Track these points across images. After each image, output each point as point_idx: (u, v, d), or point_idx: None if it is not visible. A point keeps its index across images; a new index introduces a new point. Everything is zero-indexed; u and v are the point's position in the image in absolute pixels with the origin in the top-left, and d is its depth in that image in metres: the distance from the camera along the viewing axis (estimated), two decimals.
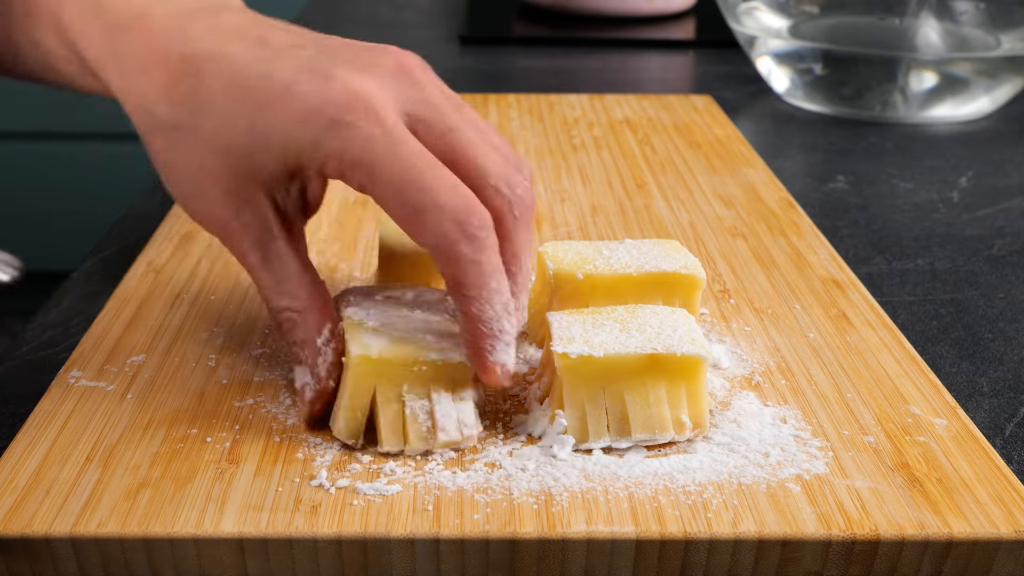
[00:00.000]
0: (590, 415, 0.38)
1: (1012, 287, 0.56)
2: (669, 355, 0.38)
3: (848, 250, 0.60)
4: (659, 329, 0.39)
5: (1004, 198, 0.69)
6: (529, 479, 0.36)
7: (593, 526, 0.34)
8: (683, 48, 1.06)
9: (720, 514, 0.35)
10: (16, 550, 0.34)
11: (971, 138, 0.81)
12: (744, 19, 0.89)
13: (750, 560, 0.34)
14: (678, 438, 0.38)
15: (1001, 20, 0.85)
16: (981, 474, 0.37)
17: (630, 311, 0.40)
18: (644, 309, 0.40)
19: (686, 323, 0.40)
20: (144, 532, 0.33)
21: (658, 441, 0.38)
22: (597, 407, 0.38)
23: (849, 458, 0.38)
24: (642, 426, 0.38)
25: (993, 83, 0.83)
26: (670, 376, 0.38)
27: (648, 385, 0.38)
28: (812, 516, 0.35)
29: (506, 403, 0.41)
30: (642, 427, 0.38)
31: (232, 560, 0.34)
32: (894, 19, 0.88)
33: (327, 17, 1.15)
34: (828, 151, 0.77)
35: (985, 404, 0.45)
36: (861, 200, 0.68)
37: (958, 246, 0.61)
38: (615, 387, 0.38)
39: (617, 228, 0.58)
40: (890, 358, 0.44)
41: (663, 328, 0.39)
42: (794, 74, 0.86)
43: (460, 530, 0.34)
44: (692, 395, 0.38)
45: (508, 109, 0.78)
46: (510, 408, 0.41)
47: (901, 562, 0.34)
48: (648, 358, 0.38)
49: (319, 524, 0.34)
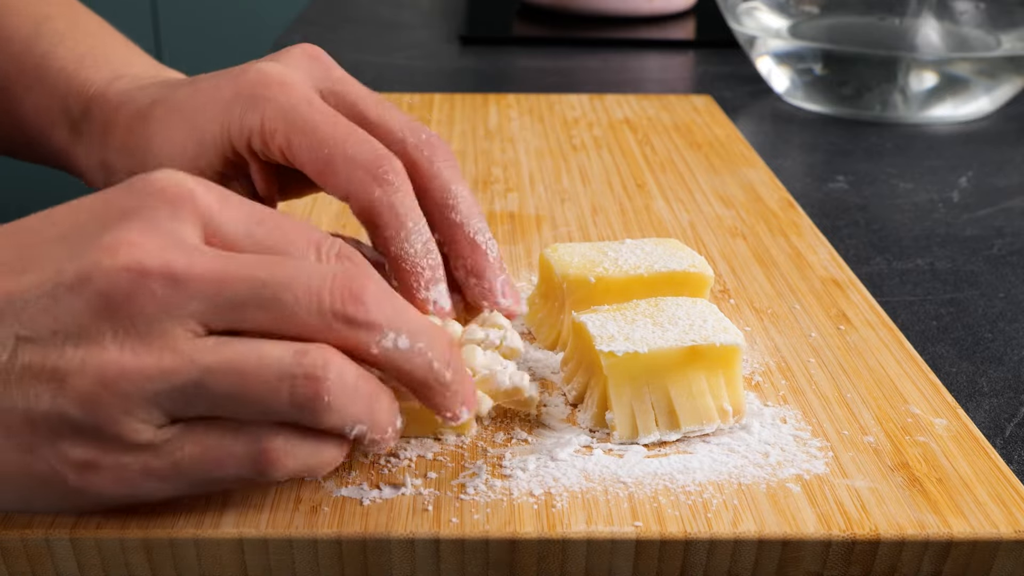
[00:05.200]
0: (638, 411, 0.38)
1: (1012, 287, 0.56)
2: (708, 346, 0.38)
3: (848, 250, 0.60)
4: (690, 320, 0.39)
5: (1004, 198, 0.69)
6: (529, 479, 0.36)
7: (593, 526, 0.34)
8: (683, 48, 1.06)
9: (720, 514, 0.35)
10: (16, 550, 0.34)
11: (971, 138, 0.81)
12: (744, 19, 0.89)
13: (750, 560, 0.34)
14: (723, 426, 0.39)
15: (1001, 20, 0.85)
16: (981, 474, 0.37)
17: (653, 304, 0.41)
18: (666, 301, 0.41)
19: (712, 312, 0.40)
20: (144, 532, 0.33)
21: (706, 431, 0.39)
22: (644, 403, 0.38)
23: (849, 458, 0.38)
24: (690, 418, 0.38)
25: (993, 83, 0.83)
26: (709, 366, 0.38)
27: (690, 377, 0.38)
28: (812, 516, 0.35)
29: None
30: (690, 419, 0.38)
31: (232, 560, 0.34)
32: (894, 19, 0.88)
33: (327, 17, 1.15)
34: (828, 151, 0.77)
35: (985, 404, 0.45)
36: (861, 200, 0.68)
37: (958, 246, 0.61)
38: (659, 381, 0.38)
39: (617, 228, 0.58)
40: (890, 358, 0.44)
41: (693, 319, 0.40)
42: (794, 74, 0.86)
43: (460, 530, 0.34)
44: (731, 382, 0.39)
45: (508, 109, 0.78)
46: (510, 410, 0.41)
47: (901, 562, 0.34)
48: (689, 350, 0.38)
49: (319, 524, 0.34)
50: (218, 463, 0.32)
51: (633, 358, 0.38)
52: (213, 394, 0.31)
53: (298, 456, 0.32)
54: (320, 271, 0.32)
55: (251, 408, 0.31)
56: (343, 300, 0.31)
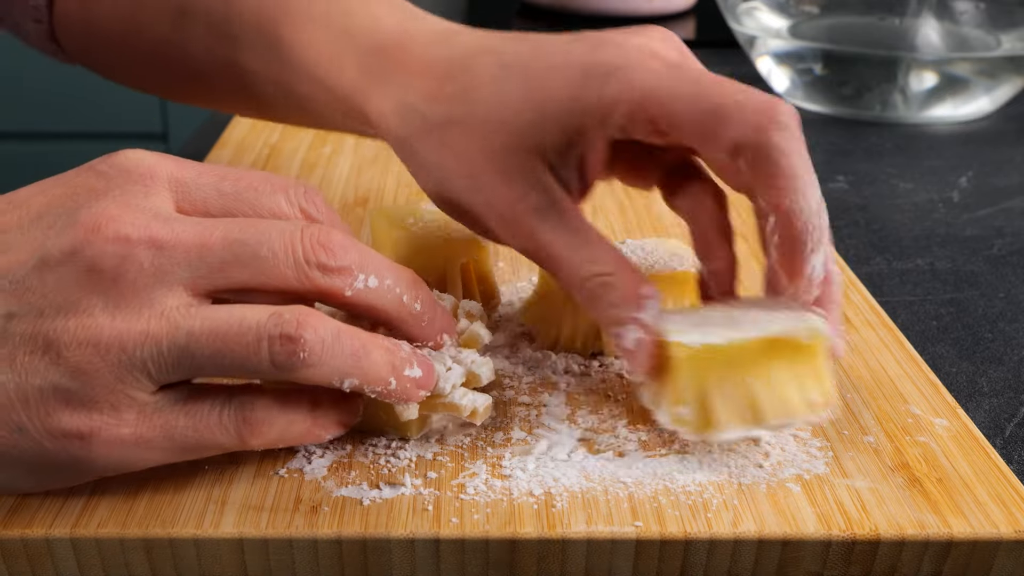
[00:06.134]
0: (716, 405, 0.36)
1: (1012, 287, 0.56)
2: (790, 337, 0.36)
3: (848, 250, 0.60)
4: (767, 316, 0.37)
5: (1004, 198, 0.69)
6: (529, 479, 0.36)
7: (593, 526, 0.34)
8: None
9: (720, 514, 0.35)
10: (16, 550, 0.34)
11: (971, 138, 0.81)
12: (744, 19, 0.89)
13: (750, 560, 0.34)
14: (812, 418, 0.37)
15: (1001, 20, 0.85)
16: (981, 474, 0.37)
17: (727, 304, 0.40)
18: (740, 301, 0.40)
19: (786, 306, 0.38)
20: (144, 532, 0.33)
21: (795, 425, 0.37)
22: (721, 398, 0.36)
23: (849, 458, 0.38)
24: (774, 411, 0.36)
25: (993, 83, 0.83)
26: (791, 357, 0.36)
27: (772, 368, 0.36)
28: (812, 516, 0.35)
29: (505, 392, 0.41)
30: (775, 412, 0.36)
31: (232, 560, 0.34)
32: (894, 19, 0.88)
33: None
34: (828, 151, 0.77)
35: (985, 404, 0.45)
36: (861, 200, 0.68)
37: (958, 246, 0.61)
38: (736, 375, 0.36)
39: (617, 228, 0.58)
40: (890, 358, 0.44)
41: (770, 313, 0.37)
42: (794, 74, 0.86)
43: (460, 530, 0.34)
44: (816, 373, 0.37)
45: None
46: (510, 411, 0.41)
47: (901, 562, 0.34)
48: (769, 341, 0.36)
49: (319, 524, 0.34)
50: (207, 430, 0.33)
51: (710, 350, 0.36)
52: (198, 356, 0.32)
53: (275, 424, 0.34)
54: (291, 226, 0.34)
55: (235, 369, 0.33)
56: (315, 249, 0.33)
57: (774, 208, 0.37)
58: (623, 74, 0.37)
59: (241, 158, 0.68)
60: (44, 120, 1.71)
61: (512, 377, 0.42)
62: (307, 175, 0.65)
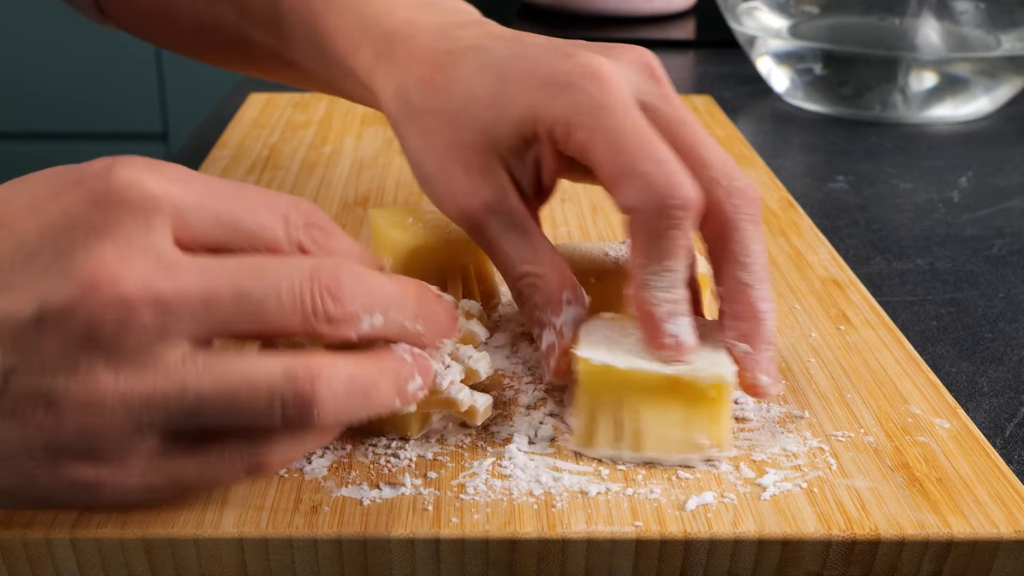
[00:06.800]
0: (600, 424, 0.37)
1: (1012, 287, 0.56)
2: (691, 380, 0.36)
3: (848, 250, 0.60)
4: None
5: (1004, 198, 0.69)
6: (529, 479, 0.36)
7: (593, 526, 0.34)
8: (683, 48, 1.06)
9: (720, 514, 0.35)
10: (16, 550, 0.34)
11: (971, 138, 0.81)
12: (744, 19, 0.89)
13: (750, 560, 0.34)
14: (692, 459, 0.37)
15: (1001, 20, 0.85)
16: (981, 474, 0.37)
17: None
18: None
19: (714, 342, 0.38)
20: (144, 532, 0.33)
21: (671, 461, 0.37)
22: (608, 418, 0.37)
23: (849, 458, 0.38)
24: (655, 445, 0.37)
25: (993, 83, 0.83)
26: (689, 398, 0.36)
27: (666, 405, 0.36)
28: (812, 516, 0.35)
29: (504, 392, 0.41)
30: (655, 447, 0.37)
31: (232, 560, 0.34)
32: (894, 19, 0.88)
33: None
34: (828, 151, 0.77)
35: (985, 404, 0.45)
36: (861, 200, 0.68)
37: (958, 246, 0.61)
38: (631, 401, 0.37)
39: (617, 228, 0.58)
40: (890, 358, 0.44)
41: None
42: (794, 74, 0.86)
43: (460, 530, 0.34)
44: (713, 418, 0.37)
45: None
46: (509, 411, 0.41)
47: (901, 562, 0.34)
48: (670, 379, 0.36)
49: (319, 524, 0.34)
50: (216, 474, 0.33)
51: (606, 371, 0.36)
52: (207, 416, 0.31)
53: (289, 455, 0.34)
54: (299, 274, 0.32)
55: (246, 425, 0.32)
56: (322, 299, 0.32)
57: (631, 274, 0.38)
58: (573, 94, 0.38)
59: (241, 158, 0.68)
60: (44, 120, 1.71)
61: (512, 377, 0.42)
62: (307, 175, 0.65)
